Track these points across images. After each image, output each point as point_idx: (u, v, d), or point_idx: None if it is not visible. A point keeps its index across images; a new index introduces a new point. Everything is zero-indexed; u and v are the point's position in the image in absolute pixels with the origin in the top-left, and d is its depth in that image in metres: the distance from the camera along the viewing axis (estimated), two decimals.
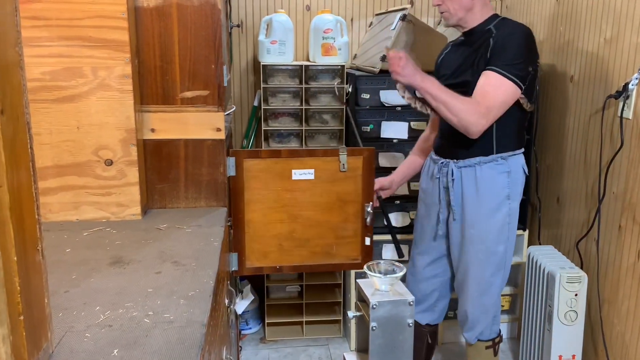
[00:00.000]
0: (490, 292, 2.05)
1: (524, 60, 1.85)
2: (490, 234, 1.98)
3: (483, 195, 1.96)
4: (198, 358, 1.00)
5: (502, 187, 1.96)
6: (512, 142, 1.98)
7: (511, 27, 1.91)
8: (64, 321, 1.12)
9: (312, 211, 2.00)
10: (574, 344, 2.27)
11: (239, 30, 2.93)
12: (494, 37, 1.88)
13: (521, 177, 2.02)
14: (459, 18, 1.96)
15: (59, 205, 1.72)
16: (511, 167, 1.96)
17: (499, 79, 1.83)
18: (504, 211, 1.97)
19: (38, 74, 1.64)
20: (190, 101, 1.81)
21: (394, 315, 1.11)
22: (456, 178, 1.99)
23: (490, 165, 1.95)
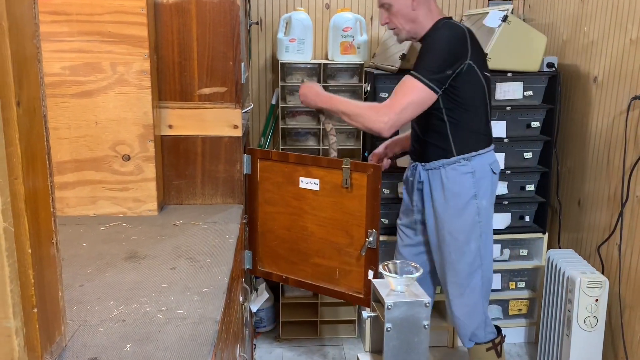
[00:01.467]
0: (470, 293, 2.04)
1: (440, 64, 1.86)
2: (460, 233, 1.99)
3: (449, 196, 1.99)
4: (211, 355, 0.99)
5: (468, 187, 1.98)
6: (470, 142, 1.98)
7: (436, 30, 1.94)
8: (78, 315, 1.12)
9: (317, 225, 1.91)
10: (593, 351, 2.23)
11: (257, 27, 2.93)
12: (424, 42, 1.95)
13: (489, 176, 2.02)
14: (407, 31, 2.01)
15: (76, 200, 1.73)
16: (475, 167, 1.98)
17: (410, 81, 1.86)
18: (471, 210, 1.98)
19: (58, 69, 1.65)
20: (208, 98, 1.81)
21: (410, 316, 1.09)
22: (424, 180, 2.04)
23: (453, 167, 1.98)
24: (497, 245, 2.76)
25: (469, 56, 1.90)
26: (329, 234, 1.88)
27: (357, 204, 1.80)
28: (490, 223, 2.07)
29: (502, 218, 2.71)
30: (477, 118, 2.00)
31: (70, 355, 0.98)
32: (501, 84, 2.59)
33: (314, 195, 1.88)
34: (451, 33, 1.91)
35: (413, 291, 1.13)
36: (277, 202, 1.96)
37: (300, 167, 1.89)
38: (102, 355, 0.98)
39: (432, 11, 1.99)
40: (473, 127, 1.99)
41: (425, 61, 1.88)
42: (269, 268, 2.05)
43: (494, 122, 2.60)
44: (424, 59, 1.88)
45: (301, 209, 1.92)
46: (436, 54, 1.88)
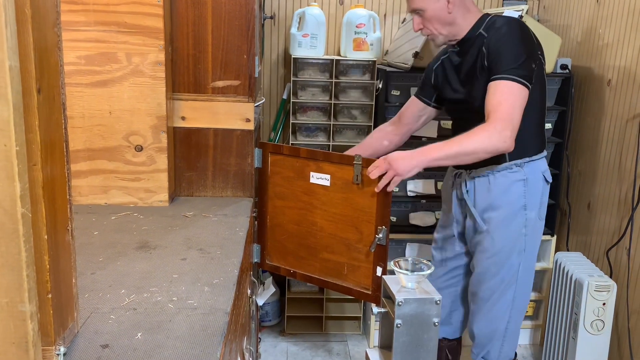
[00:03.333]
0: (499, 310, 1.90)
1: (525, 58, 1.72)
2: (504, 246, 1.85)
3: (496, 206, 1.84)
4: (221, 345, 1.00)
5: (518, 197, 1.83)
6: (526, 147, 1.83)
7: (500, 26, 1.77)
8: (90, 302, 1.13)
9: (326, 221, 1.90)
10: (599, 355, 2.22)
11: (271, 22, 2.93)
12: (486, 43, 1.76)
13: (541, 186, 1.87)
14: (445, 36, 1.86)
15: (89, 189, 1.74)
16: (527, 174, 1.83)
17: (505, 85, 1.70)
18: (519, 221, 1.84)
19: (74, 58, 1.66)
20: (221, 91, 1.82)
21: (420, 313, 1.09)
22: (469, 189, 1.89)
23: (504, 174, 1.83)
24: None
25: (540, 51, 1.80)
26: (339, 229, 1.88)
27: (368, 200, 1.79)
28: (536, 238, 1.90)
29: None
30: (536, 120, 1.85)
31: (82, 341, 0.99)
32: None
33: (325, 190, 1.87)
34: (519, 26, 1.77)
35: (424, 288, 1.13)
36: (287, 196, 1.96)
37: (312, 162, 1.88)
38: (113, 342, 0.99)
39: (470, 10, 1.85)
40: (531, 129, 1.83)
41: (508, 60, 1.71)
42: (277, 262, 2.05)
43: None
44: (506, 58, 1.71)
45: (311, 204, 1.92)
46: (516, 50, 1.72)
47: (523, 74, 1.71)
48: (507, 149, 1.69)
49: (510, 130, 1.67)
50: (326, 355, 2.72)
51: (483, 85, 1.76)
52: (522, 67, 1.71)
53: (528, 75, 1.72)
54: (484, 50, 1.76)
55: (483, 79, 1.77)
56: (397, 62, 2.69)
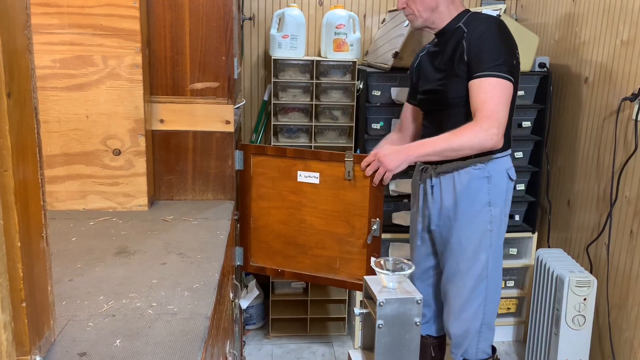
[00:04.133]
0: (472, 308, 1.91)
1: (507, 55, 1.76)
2: (470, 242, 1.88)
3: (461, 202, 1.87)
4: (201, 350, 0.99)
5: (482, 194, 1.86)
6: None
7: (481, 23, 1.79)
8: (67, 310, 1.11)
9: (316, 218, 1.93)
10: (581, 349, 2.25)
11: (250, 23, 2.92)
12: (467, 38, 1.78)
13: (505, 183, 1.89)
14: (424, 19, 1.88)
15: (66, 194, 1.71)
16: (491, 172, 1.85)
17: (490, 82, 1.73)
18: (484, 218, 1.86)
19: (48, 62, 1.63)
20: (200, 93, 1.80)
21: (401, 313, 1.09)
22: (435, 185, 1.92)
23: (468, 171, 1.85)
24: None
25: (517, 50, 1.82)
26: (329, 225, 1.90)
27: (360, 194, 1.83)
28: (502, 234, 1.93)
29: None
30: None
31: (59, 350, 0.97)
32: None
33: (314, 188, 1.89)
34: (499, 24, 1.79)
35: (405, 288, 1.13)
36: (273, 197, 1.96)
37: (299, 161, 1.89)
38: (91, 350, 0.97)
39: (454, 2, 1.87)
40: None
41: (491, 56, 1.73)
42: (262, 263, 2.04)
43: None
44: (489, 55, 1.74)
45: (299, 202, 1.92)
46: (498, 47, 1.75)
47: (506, 69, 1.74)
48: (495, 145, 1.73)
49: (496, 127, 1.71)
50: (311, 357, 2.72)
51: (458, 79, 1.79)
52: (505, 63, 1.74)
53: (510, 70, 1.75)
54: (464, 44, 1.78)
55: (460, 72, 1.79)
56: (377, 63, 2.70)
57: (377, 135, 2.60)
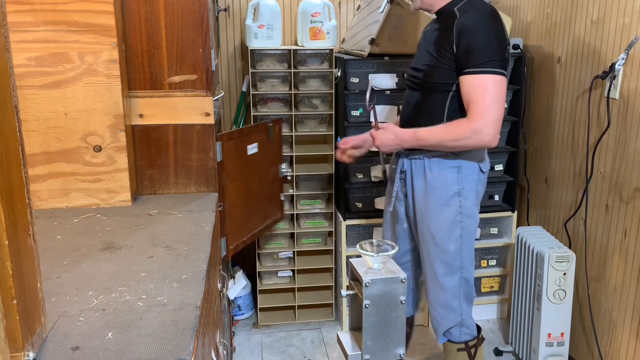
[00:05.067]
0: (446, 292, 1.95)
1: (498, 49, 1.73)
2: (439, 230, 1.89)
3: (431, 190, 1.89)
4: (193, 339, 1.01)
5: (451, 183, 1.87)
6: None
7: (473, 14, 1.76)
8: (57, 306, 1.12)
9: (257, 180, 2.21)
10: (562, 322, 2.31)
11: (225, 14, 2.90)
12: (457, 26, 1.75)
13: (475, 174, 1.89)
14: (422, 1, 1.88)
15: (48, 193, 1.71)
16: (462, 162, 1.86)
17: (481, 79, 1.71)
18: (453, 208, 1.87)
19: (23, 60, 1.62)
20: (179, 86, 1.80)
21: (387, 292, 1.12)
22: (407, 169, 1.95)
23: (438, 160, 1.86)
24: None
25: (509, 42, 1.81)
26: (263, 182, 2.25)
27: (273, 149, 2.28)
28: (473, 226, 1.93)
29: None
30: None
31: (51, 345, 0.98)
32: None
33: (256, 157, 2.16)
34: (491, 14, 1.77)
35: (389, 268, 1.16)
36: (237, 177, 2.06)
37: (246, 137, 2.11)
38: (84, 344, 0.98)
39: None
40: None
41: (483, 51, 1.71)
42: (234, 242, 2.11)
43: None
44: (480, 49, 1.71)
45: (250, 173, 2.14)
46: (490, 40, 1.72)
47: (499, 64, 1.72)
48: (489, 144, 1.73)
49: (488, 127, 1.70)
50: (300, 343, 2.75)
51: (444, 65, 1.79)
52: (497, 58, 1.72)
53: (503, 65, 1.74)
54: (454, 33, 1.75)
55: (445, 60, 1.79)
56: (354, 50, 2.71)
57: (357, 123, 2.63)
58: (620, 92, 2.07)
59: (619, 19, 2.07)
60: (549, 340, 2.32)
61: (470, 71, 1.72)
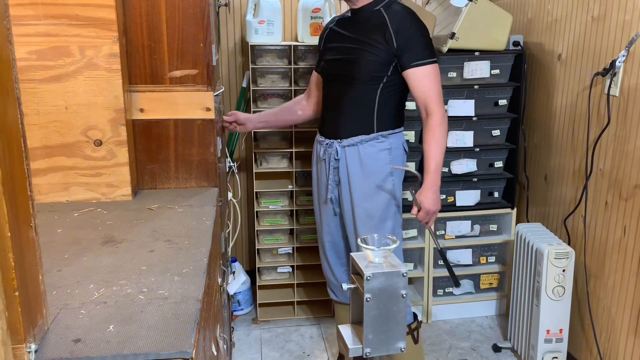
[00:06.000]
0: None
1: (430, 41, 1.99)
2: (377, 210, 2.03)
3: (367, 173, 2.02)
4: (194, 332, 1.01)
5: (385, 164, 2.02)
6: (391, 121, 2.04)
7: (403, 15, 1.97)
8: (58, 299, 1.12)
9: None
10: (561, 319, 2.32)
11: (226, 10, 2.90)
12: (392, 26, 1.93)
13: (402, 155, 2.08)
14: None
15: (48, 187, 1.70)
16: (392, 144, 2.03)
17: (427, 70, 1.95)
18: (388, 187, 2.03)
19: (24, 54, 1.61)
20: (179, 80, 1.80)
21: (388, 286, 1.13)
22: (341, 157, 2.06)
23: (372, 143, 2.02)
24: (467, 222, 2.83)
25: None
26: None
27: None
28: (400, 202, 2.10)
29: (472, 195, 2.78)
30: (398, 100, 2.05)
31: (53, 337, 0.98)
32: (468, 62, 2.63)
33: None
34: (414, 13, 1.99)
35: (390, 262, 1.16)
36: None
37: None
38: (85, 336, 0.99)
39: None
40: (394, 107, 2.05)
41: (423, 45, 1.95)
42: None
43: (462, 101, 2.65)
44: (421, 44, 1.95)
45: None
46: (425, 35, 1.96)
47: (434, 54, 1.98)
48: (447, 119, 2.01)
49: (443, 107, 1.99)
50: (299, 339, 2.76)
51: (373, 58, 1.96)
52: (431, 48, 1.98)
53: (434, 52, 2.00)
54: (390, 30, 1.94)
55: (379, 53, 1.95)
56: None
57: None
58: (620, 89, 2.07)
59: (620, 16, 2.07)
60: (548, 337, 2.33)
61: (416, 64, 1.94)
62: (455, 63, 2.62)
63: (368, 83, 1.99)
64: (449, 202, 2.77)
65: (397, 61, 1.96)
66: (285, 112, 2.37)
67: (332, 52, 2.10)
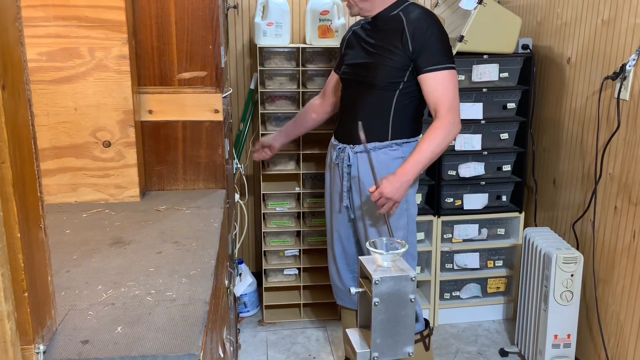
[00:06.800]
0: None
1: (448, 46, 1.93)
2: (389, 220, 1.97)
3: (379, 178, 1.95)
4: (202, 334, 1.01)
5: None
6: (407, 129, 2.00)
7: (422, 18, 1.92)
8: (67, 300, 1.12)
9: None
10: (569, 324, 2.30)
11: (234, 11, 2.91)
12: (409, 29, 1.90)
13: None
14: (360, 8, 1.99)
15: (57, 187, 1.71)
16: (405, 153, 1.98)
17: (444, 75, 1.89)
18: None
19: (34, 55, 1.62)
20: (188, 82, 1.80)
21: (396, 290, 1.12)
22: (353, 163, 2.02)
23: (385, 151, 1.98)
24: (475, 225, 2.82)
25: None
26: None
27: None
28: (415, 213, 2.05)
29: (480, 198, 2.77)
30: (415, 107, 2.01)
31: (61, 338, 0.98)
32: (477, 66, 2.62)
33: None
34: (435, 17, 1.94)
35: (399, 266, 1.16)
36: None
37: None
38: (93, 337, 0.99)
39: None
40: (411, 115, 2.01)
41: (440, 50, 1.89)
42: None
43: (470, 104, 2.65)
44: (437, 48, 1.89)
45: None
46: (443, 39, 1.91)
47: (452, 60, 1.92)
48: (459, 129, 1.93)
49: (458, 116, 1.90)
50: (306, 342, 2.75)
51: (392, 63, 1.92)
52: (449, 53, 1.92)
53: (452, 58, 1.93)
54: (407, 33, 1.90)
55: (396, 58, 1.91)
56: None
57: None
58: (630, 93, 2.06)
59: (630, 19, 2.05)
60: (556, 342, 2.31)
61: (433, 68, 1.89)
62: (464, 66, 2.61)
63: (384, 89, 1.96)
64: (456, 205, 2.76)
65: (413, 65, 1.92)
66: (301, 120, 2.37)
67: (352, 56, 2.08)
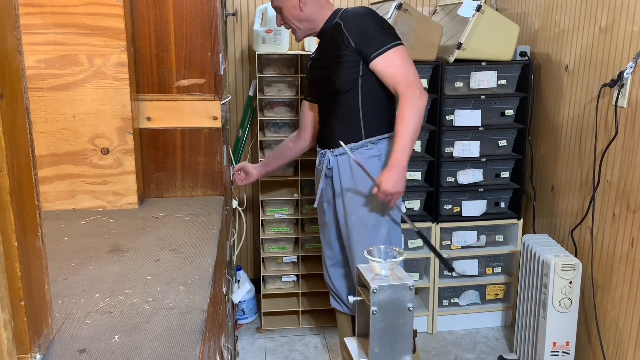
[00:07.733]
0: None
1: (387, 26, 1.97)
2: (370, 217, 2.02)
3: (358, 180, 2.01)
4: (199, 343, 1.00)
5: (375, 171, 1.98)
6: (379, 126, 2.03)
7: (354, 13, 1.98)
8: (64, 308, 1.12)
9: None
10: (568, 331, 2.30)
11: (233, 19, 2.91)
12: (346, 26, 1.95)
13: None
14: (302, 30, 2.07)
15: (55, 194, 1.71)
16: (381, 150, 2.01)
17: (389, 55, 1.91)
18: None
19: (33, 62, 1.62)
20: (187, 89, 1.81)
21: (394, 299, 1.12)
22: (333, 166, 2.06)
23: (361, 151, 2.01)
24: (474, 232, 2.81)
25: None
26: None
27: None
28: (399, 207, 2.07)
29: (478, 205, 2.77)
30: (384, 101, 2.04)
31: (58, 347, 0.98)
32: (475, 73, 2.63)
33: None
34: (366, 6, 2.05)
35: (397, 274, 1.16)
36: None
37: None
38: (90, 346, 0.98)
39: (324, 6, 2.05)
40: (381, 110, 2.03)
41: (377, 34, 1.92)
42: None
43: (468, 110, 2.65)
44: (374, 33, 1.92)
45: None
46: (378, 24, 1.95)
47: (393, 37, 1.94)
48: (426, 97, 1.93)
49: (418, 87, 1.92)
50: (304, 349, 2.74)
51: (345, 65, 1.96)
52: (389, 32, 1.94)
53: (396, 35, 1.96)
54: (345, 33, 1.95)
55: (346, 58, 1.95)
56: None
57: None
58: (628, 101, 2.06)
59: (628, 27, 2.06)
60: (554, 349, 2.31)
61: (377, 54, 1.91)
62: (462, 73, 2.62)
63: (348, 92, 2.00)
64: (454, 212, 2.76)
65: (362, 58, 1.95)
66: (281, 150, 2.41)
67: (315, 77, 2.16)
